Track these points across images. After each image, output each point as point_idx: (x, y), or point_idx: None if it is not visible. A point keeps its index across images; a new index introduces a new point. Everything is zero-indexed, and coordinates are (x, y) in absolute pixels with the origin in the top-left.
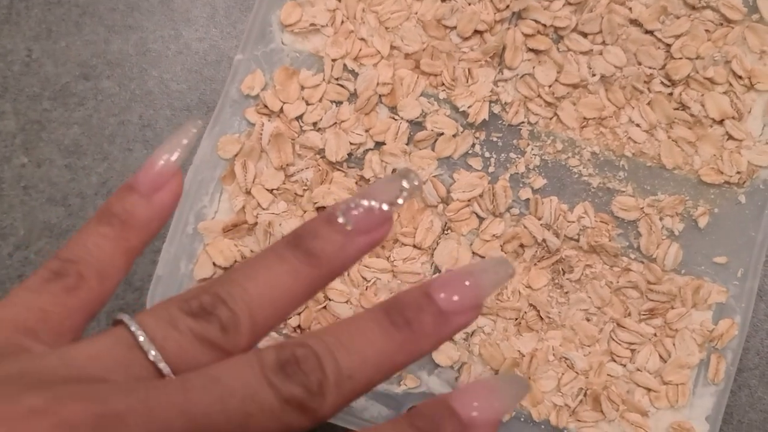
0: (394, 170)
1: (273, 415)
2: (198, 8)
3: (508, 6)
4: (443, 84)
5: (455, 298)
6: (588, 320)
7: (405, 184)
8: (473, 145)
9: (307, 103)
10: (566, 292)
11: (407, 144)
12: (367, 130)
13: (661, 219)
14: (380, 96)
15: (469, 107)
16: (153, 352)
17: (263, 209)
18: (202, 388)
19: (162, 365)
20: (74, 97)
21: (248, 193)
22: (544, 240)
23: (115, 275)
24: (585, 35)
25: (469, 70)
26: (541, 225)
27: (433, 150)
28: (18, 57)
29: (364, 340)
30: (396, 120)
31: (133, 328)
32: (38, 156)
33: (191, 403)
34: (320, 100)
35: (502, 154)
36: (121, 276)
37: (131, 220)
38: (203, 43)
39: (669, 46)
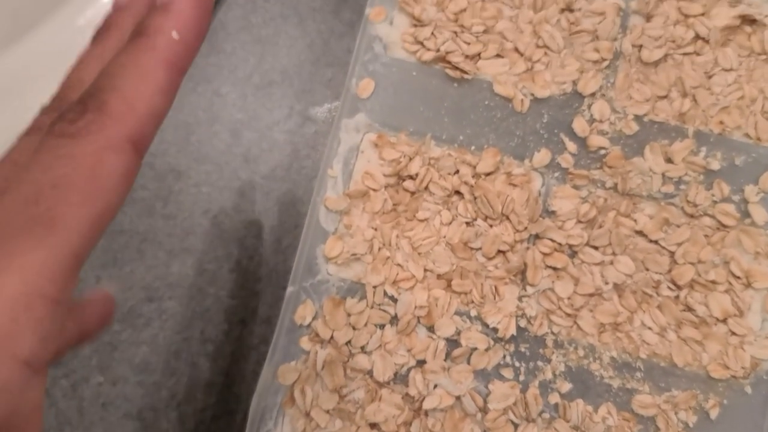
0: None
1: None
2: (246, 228)
3: (526, 228)
4: (473, 302)
5: None
6: None
7: None
8: (504, 357)
9: (354, 329)
10: None
11: (445, 360)
12: (408, 350)
13: (676, 413)
14: (418, 318)
15: (498, 323)
16: None
17: (322, 429)
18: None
19: None
20: (141, 318)
21: (308, 415)
22: None
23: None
24: (596, 248)
25: (495, 287)
26: (570, 427)
27: (468, 363)
28: (89, 284)
29: None
30: (434, 339)
31: None
32: (113, 375)
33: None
34: (365, 325)
35: (531, 363)
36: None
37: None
38: (253, 260)
39: (672, 253)
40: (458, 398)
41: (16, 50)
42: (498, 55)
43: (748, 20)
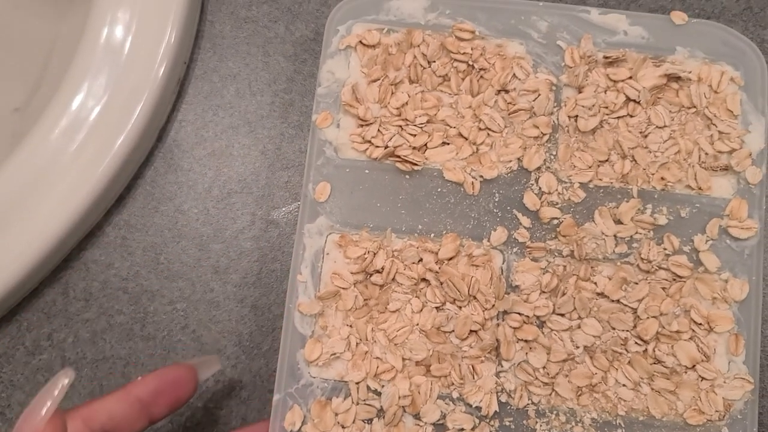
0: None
1: None
2: (225, 338)
3: (493, 305)
4: (453, 384)
5: None
6: None
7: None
8: None
9: (343, 427)
10: None
11: None
12: None
13: None
14: (403, 407)
15: (480, 401)
16: None
17: None
18: None
19: None
20: None
21: None
22: None
23: None
24: (563, 315)
25: (473, 366)
26: None
27: None
28: None
29: None
30: (421, 426)
31: None
32: None
33: None
34: (354, 422)
35: None
36: None
37: None
38: (236, 369)
39: (635, 309)
40: None
41: None
42: (444, 143)
43: (674, 78)
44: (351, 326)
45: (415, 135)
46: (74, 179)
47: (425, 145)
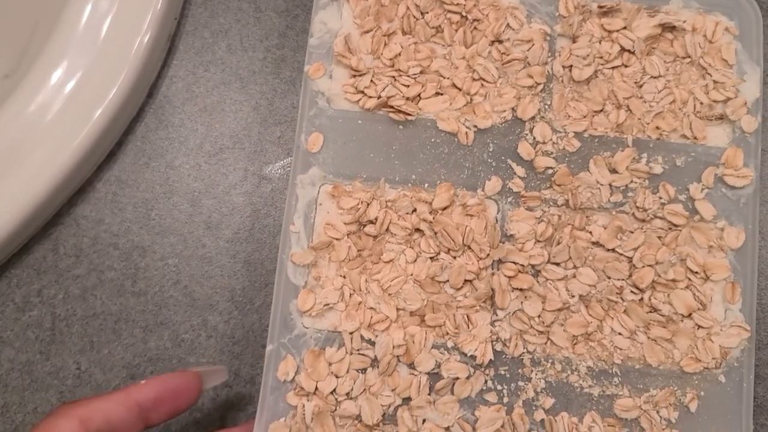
0: None
1: None
2: (217, 294)
3: (488, 255)
4: (448, 333)
5: None
6: None
7: None
8: (486, 382)
9: (337, 377)
10: None
11: (429, 394)
12: (393, 390)
13: (658, 412)
14: (398, 357)
15: (475, 350)
16: None
17: None
18: None
19: None
20: None
21: None
22: None
23: None
24: (558, 264)
25: (467, 316)
26: None
27: (452, 394)
28: (69, 372)
29: None
30: (416, 375)
31: None
32: None
33: None
34: (347, 371)
35: (512, 384)
36: None
37: None
38: (229, 324)
39: (630, 258)
40: (447, 429)
41: None
42: (437, 93)
43: (668, 28)
44: (344, 277)
45: (408, 86)
46: (63, 134)
47: (419, 95)
